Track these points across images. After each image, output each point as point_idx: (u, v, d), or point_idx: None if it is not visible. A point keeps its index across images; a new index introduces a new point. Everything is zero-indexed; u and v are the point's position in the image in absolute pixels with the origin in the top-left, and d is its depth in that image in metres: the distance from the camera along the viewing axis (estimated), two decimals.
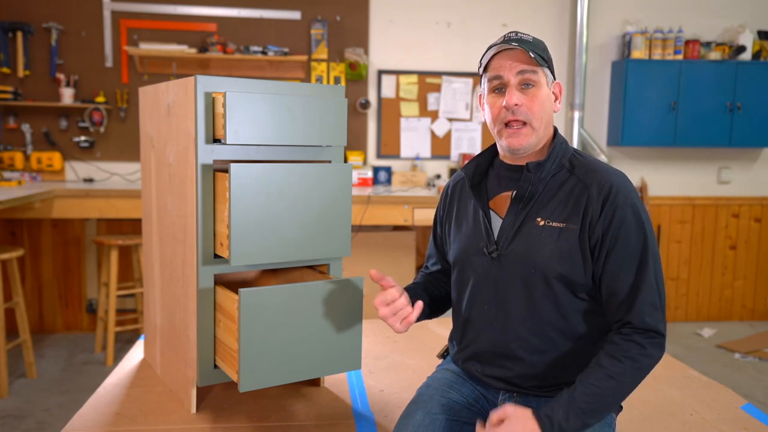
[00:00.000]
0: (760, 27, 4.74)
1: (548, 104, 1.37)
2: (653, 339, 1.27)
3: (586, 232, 1.31)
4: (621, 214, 1.29)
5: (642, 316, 1.27)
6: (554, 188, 1.36)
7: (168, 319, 1.82)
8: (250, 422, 1.63)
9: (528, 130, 1.35)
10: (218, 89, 1.53)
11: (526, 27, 4.59)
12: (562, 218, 1.33)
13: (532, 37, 1.37)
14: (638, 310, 1.27)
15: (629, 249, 1.29)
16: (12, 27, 4.13)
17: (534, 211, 1.36)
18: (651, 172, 4.83)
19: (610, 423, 1.38)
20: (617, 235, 1.29)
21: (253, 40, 4.36)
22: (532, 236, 1.35)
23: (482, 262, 1.41)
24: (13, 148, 4.25)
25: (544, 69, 1.37)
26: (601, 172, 1.34)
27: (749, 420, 1.70)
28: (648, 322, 1.27)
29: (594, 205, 1.30)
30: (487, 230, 1.41)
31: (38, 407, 3.12)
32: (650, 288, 1.28)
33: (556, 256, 1.31)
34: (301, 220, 1.56)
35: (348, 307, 1.57)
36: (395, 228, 4.41)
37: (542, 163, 1.36)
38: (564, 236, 1.32)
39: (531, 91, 1.34)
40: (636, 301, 1.28)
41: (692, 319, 4.97)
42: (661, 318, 1.29)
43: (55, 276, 4.38)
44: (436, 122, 4.60)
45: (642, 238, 1.29)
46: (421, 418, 1.37)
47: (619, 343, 1.27)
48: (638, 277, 1.28)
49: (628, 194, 1.31)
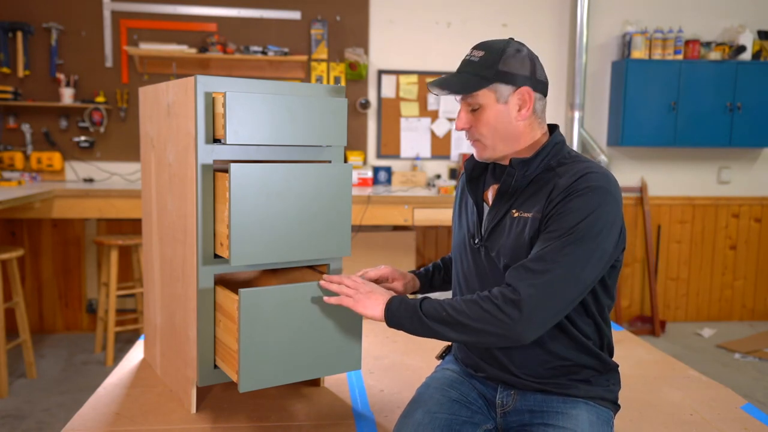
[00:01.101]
0: (760, 27, 4.74)
1: (500, 121, 1.38)
2: (508, 295, 1.25)
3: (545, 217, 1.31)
4: (571, 198, 1.28)
5: (512, 273, 1.28)
6: (534, 183, 1.38)
7: (168, 319, 1.82)
8: (250, 422, 1.63)
9: (480, 144, 1.42)
10: (218, 89, 1.53)
11: (526, 27, 4.59)
12: (530, 208, 1.35)
13: (480, 56, 1.38)
14: (511, 269, 1.28)
15: (553, 226, 1.27)
16: (12, 27, 4.13)
17: (514, 204, 1.39)
18: (651, 172, 4.83)
19: (607, 421, 1.38)
20: (553, 214, 1.29)
21: (253, 40, 4.37)
22: (506, 227, 1.38)
23: (470, 253, 1.46)
24: (13, 148, 4.25)
25: (492, 87, 1.36)
26: (583, 166, 1.33)
27: (749, 420, 1.70)
28: (511, 279, 1.27)
29: (556, 192, 1.31)
30: (476, 222, 1.46)
31: (38, 407, 3.12)
32: (537, 258, 1.26)
33: (516, 245, 1.34)
34: (301, 220, 1.56)
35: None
36: (395, 228, 4.41)
37: (527, 161, 1.37)
38: (530, 225, 1.33)
39: (476, 114, 1.40)
40: (521, 263, 1.28)
41: (692, 319, 4.97)
42: (531, 283, 1.23)
43: (55, 276, 4.38)
44: (436, 122, 4.60)
45: (578, 219, 1.25)
46: (420, 417, 1.37)
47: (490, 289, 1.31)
48: (543, 248, 1.26)
49: (595, 186, 1.28)
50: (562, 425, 1.32)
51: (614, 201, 1.29)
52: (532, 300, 1.23)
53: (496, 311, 1.25)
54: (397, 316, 1.36)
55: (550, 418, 1.35)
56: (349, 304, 1.43)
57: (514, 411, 1.41)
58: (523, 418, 1.39)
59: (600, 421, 1.35)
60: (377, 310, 1.39)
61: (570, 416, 1.33)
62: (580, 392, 1.37)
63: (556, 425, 1.32)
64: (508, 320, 1.24)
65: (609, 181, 1.31)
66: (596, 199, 1.27)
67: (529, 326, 1.24)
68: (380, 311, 1.38)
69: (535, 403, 1.39)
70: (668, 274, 4.92)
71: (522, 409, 1.40)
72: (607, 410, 1.40)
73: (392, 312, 1.36)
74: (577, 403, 1.36)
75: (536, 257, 1.26)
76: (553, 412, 1.36)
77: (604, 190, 1.28)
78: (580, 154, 1.42)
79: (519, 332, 1.24)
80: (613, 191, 1.30)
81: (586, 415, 1.34)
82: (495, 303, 1.25)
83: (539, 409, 1.38)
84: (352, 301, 1.43)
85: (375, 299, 1.40)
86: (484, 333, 1.26)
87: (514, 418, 1.41)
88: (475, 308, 1.27)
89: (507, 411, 1.41)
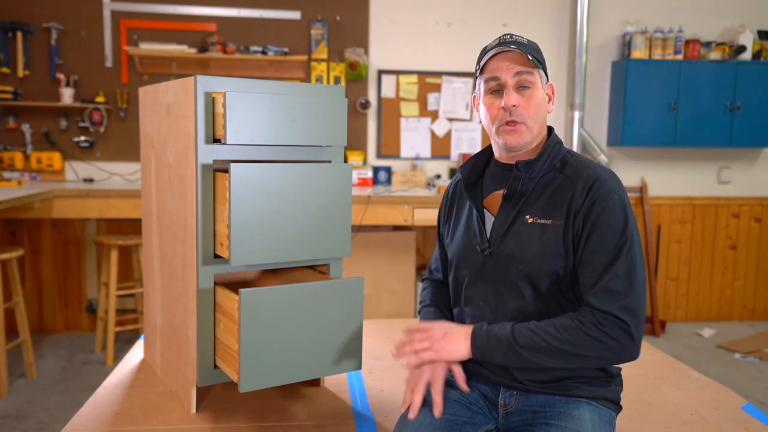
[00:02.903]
0: (760, 27, 4.74)
1: (543, 105, 1.40)
2: (611, 320, 1.26)
3: (570, 226, 1.33)
4: (602, 204, 1.31)
5: (593, 300, 1.28)
6: (543, 187, 1.38)
7: (168, 319, 1.82)
8: (250, 422, 1.63)
9: (524, 128, 1.38)
10: (218, 89, 1.53)
11: (526, 27, 4.59)
12: (548, 215, 1.35)
13: (527, 40, 1.40)
14: (593, 294, 1.28)
15: (605, 237, 1.30)
16: (12, 27, 4.13)
17: (524, 209, 1.38)
18: (651, 172, 4.83)
19: (609, 421, 1.38)
20: (596, 224, 1.30)
21: (253, 40, 4.37)
22: (521, 234, 1.37)
23: (476, 260, 1.44)
24: (13, 148, 4.25)
25: (539, 71, 1.40)
26: (590, 170, 1.36)
27: (749, 420, 1.70)
28: (600, 306, 1.27)
29: (577, 199, 1.33)
30: (480, 229, 1.44)
31: (38, 407, 3.12)
32: (614, 276, 1.28)
33: (542, 253, 1.34)
34: (301, 220, 1.56)
35: (348, 307, 1.57)
36: (395, 228, 4.41)
37: (532, 162, 1.38)
38: (550, 232, 1.34)
39: (527, 92, 1.37)
40: (597, 285, 1.29)
41: (692, 319, 4.97)
42: (623, 305, 1.26)
43: (55, 276, 4.38)
44: (436, 122, 4.60)
45: (620, 228, 1.30)
46: (421, 417, 1.37)
47: (579, 310, 1.30)
48: (605, 266, 1.29)
49: (613, 188, 1.32)
50: (564, 425, 1.32)
51: (626, 196, 1.35)
52: (633, 322, 1.27)
53: (605, 338, 1.26)
54: (487, 350, 1.32)
55: (553, 417, 1.35)
56: (430, 357, 1.35)
57: (517, 411, 1.41)
58: (526, 417, 1.39)
59: (602, 421, 1.35)
60: (462, 350, 1.34)
61: (572, 416, 1.33)
62: (583, 392, 1.37)
63: (558, 425, 1.32)
64: (619, 346, 1.27)
65: (617, 179, 1.36)
66: (619, 199, 1.32)
67: (638, 344, 1.29)
68: (466, 349, 1.33)
69: (537, 403, 1.39)
70: (668, 274, 4.92)
71: (524, 409, 1.40)
72: (609, 410, 1.40)
73: (481, 348, 1.32)
74: (580, 403, 1.36)
75: (613, 276, 1.27)
76: (556, 412, 1.36)
77: (619, 188, 1.34)
78: (577, 153, 1.45)
79: (631, 353, 1.28)
80: (623, 187, 1.36)
81: (589, 415, 1.34)
82: (601, 330, 1.26)
83: (542, 409, 1.38)
84: (432, 353, 1.35)
85: (455, 339, 1.35)
86: (591, 359, 1.29)
87: (516, 418, 1.41)
88: (579, 335, 1.27)
89: (509, 411, 1.41)
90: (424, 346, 1.36)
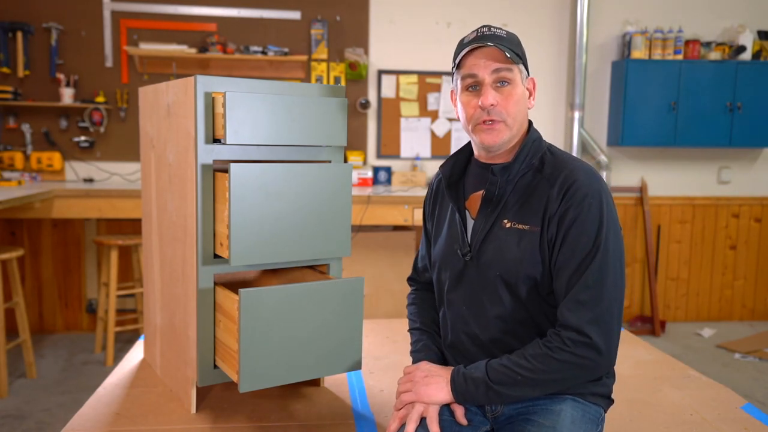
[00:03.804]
0: (760, 27, 4.74)
1: (523, 102, 1.35)
2: (575, 339, 1.23)
3: (546, 231, 1.30)
4: (576, 210, 1.26)
5: (564, 313, 1.26)
6: (522, 189, 1.35)
7: (168, 319, 1.82)
8: (250, 422, 1.63)
9: (502, 126, 1.33)
10: (218, 89, 1.53)
11: (526, 27, 4.59)
12: (526, 219, 1.32)
13: (506, 32, 1.34)
14: (564, 306, 1.26)
15: (577, 246, 1.26)
16: (12, 27, 4.13)
17: (502, 213, 1.35)
18: (651, 172, 4.83)
19: (594, 419, 1.35)
20: (568, 232, 1.27)
21: (253, 40, 4.37)
22: (499, 239, 1.34)
23: (457, 264, 1.41)
24: (13, 148, 4.25)
25: (519, 66, 1.34)
26: (568, 169, 1.31)
27: (749, 420, 1.70)
28: (568, 320, 1.25)
29: (552, 204, 1.29)
30: (462, 232, 1.41)
31: (38, 407, 3.12)
32: (584, 286, 1.25)
33: (519, 259, 1.31)
34: (300, 220, 1.56)
35: (348, 307, 1.57)
36: (395, 228, 4.41)
37: (508, 166, 1.34)
38: (527, 238, 1.31)
39: (506, 89, 1.32)
40: (565, 298, 1.27)
41: (692, 319, 4.97)
42: (591, 318, 1.23)
43: (55, 276, 4.39)
44: (436, 122, 4.60)
45: (593, 236, 1.25)
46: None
47: (548, 335, 1.28)
48: (575, 276, 1.26)
49: (589, 192, 1.27)
50: (541, 421, 1.30)
51: (607, 195, 1.30)
52: (602, 335, 1.24)
53: (573, 359, 1.24)
54: (467, 393, 1.31)
55: (534, 413, 1.33)
56: (410, 399, 1.34)
57: (503, 414, 1.40)
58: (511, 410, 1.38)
59: (585, 418, 1.33)
60: (443, 394, 1.33)
61: (553, 412, 1.31)
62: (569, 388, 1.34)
63: (536, 421, 1.31)
64: (590, 363, 1.25)
65: (596, 178, 1.31)
66: (595, 203, 1.27)
67: (610, 356, 1.26)
68: (447, 393, 1.32)
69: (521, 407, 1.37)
70: (668, 274, 4.92)
71: (511, 412, 1.39)
72: (596, 407, 1.37)
73: (462, 393, 1.31)
74: (565, 399, 1.34)
75: (582, 286, 1.25)
76: (539, 408, 1.34)
77: (597, 190, 1.28)
78: (557, 148, 1.40)
79: (604, 366, 1.27)
80: (603, 187, 1.30)
81: (570, 412, 1.32)
82: (568, 351, 1.24)
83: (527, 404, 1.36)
84: (412, 394, 1.34)
85: (435, 383, 1.34)
86: (568, 380, 1.27)
87: (504, 417, 1.40)
88: (549, 362, 1.25)
89: (497, 416, 1.40)
90: (407, 387, 1.36)
